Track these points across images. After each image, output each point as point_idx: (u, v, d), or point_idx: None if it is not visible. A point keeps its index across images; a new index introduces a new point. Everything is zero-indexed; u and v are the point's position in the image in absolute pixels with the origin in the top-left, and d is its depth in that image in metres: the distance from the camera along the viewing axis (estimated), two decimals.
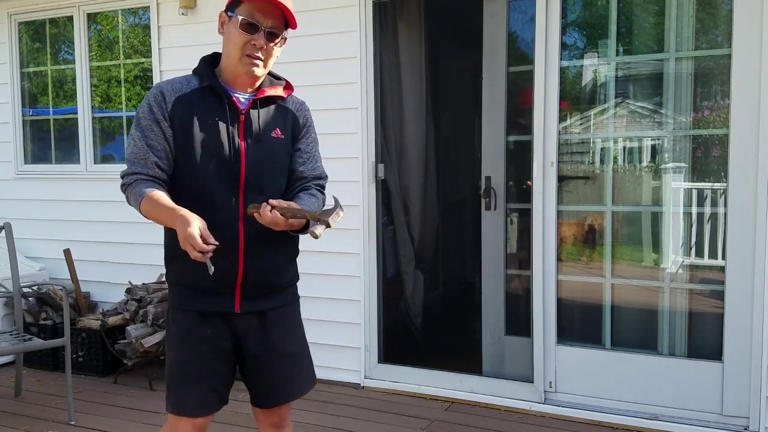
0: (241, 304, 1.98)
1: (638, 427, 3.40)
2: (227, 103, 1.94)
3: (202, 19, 4.33)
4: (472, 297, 4.55)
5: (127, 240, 4.67)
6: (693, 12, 3.38)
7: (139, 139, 1.90)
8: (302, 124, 2.08)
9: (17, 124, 5.11)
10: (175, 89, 1.94)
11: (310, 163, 2.08)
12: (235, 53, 1.93)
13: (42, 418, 3.67)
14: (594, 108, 3.69)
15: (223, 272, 1.89)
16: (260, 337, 2.02)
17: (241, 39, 1.91)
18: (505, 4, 3.75)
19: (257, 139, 1.96)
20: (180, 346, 2.01)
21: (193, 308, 1.98)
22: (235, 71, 1.96)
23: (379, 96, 4.04)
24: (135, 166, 1.90)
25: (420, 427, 3.49)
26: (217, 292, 1.96)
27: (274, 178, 2.00)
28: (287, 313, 2.09)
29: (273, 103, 2.03)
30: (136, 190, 1.87)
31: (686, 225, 3.54)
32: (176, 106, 1.91)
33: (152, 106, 1.91)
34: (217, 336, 1.98)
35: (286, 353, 2.06)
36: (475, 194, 4.01)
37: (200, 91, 1.95)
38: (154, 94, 1.93)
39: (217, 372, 2.00)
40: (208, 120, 1.92)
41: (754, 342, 3.22)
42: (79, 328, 4.33)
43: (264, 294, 2.01)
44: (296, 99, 2.12)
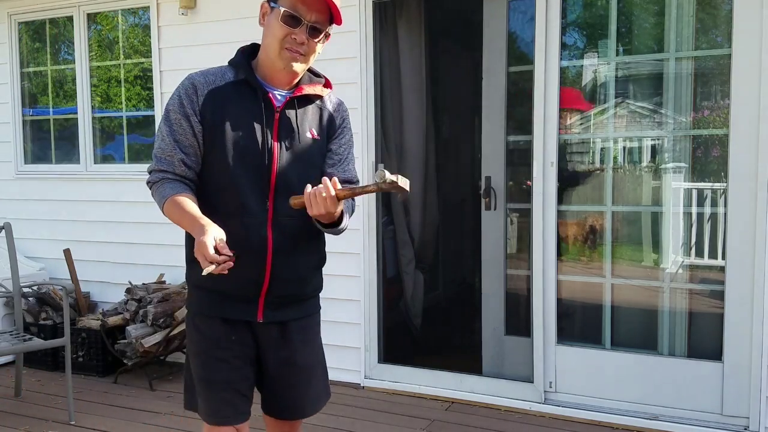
0: (264, 313, 1.90)
1: (638, 427, 3.40)
2: (263, 100, 1.84)
3: (202, 19, 4.33)
4: (472, 297, 4.55)
5: (127, 240, 4.67)
6: (693, 12, 3.38)
7: (167, 134, 1.81)
8: (338, 125, 1.98)
9: (17, 124, 5.11)
10: (209, 81, 1.83)
11: (341, 165, 1.97)
12: (275, 46, 1.81)
13: (42, 418, 3.67)
14: (594, 108, 3.69)
15: (248, 280, 1.84)
16: (280, 350, 1.95)
17: (281, 32, 1.80)
18: (505, 4, 3.75)
19: (292, 141, 1.86)
20: (204, 353, 1.91)
21: (215, 314, 1.90)
22: (273, 66, 1.84)
23: (379, 96, 4.04)
24: (161, 163, 1.82)
25: (420, 427, 3.49)
26: (241, 300, 1.89)
27: (307, 182, 1.82)
28: (308, 324, 2.01)
29: (310, 102, 1.92)
30: (161, 190, 1.81)
31: (686, 225, 3.54)
32: (208, 100, 1.81)
33: (182, 99, 1.81)
34: (241, 343, 1.91)
35: (304, 366, 1.99)
36: (475, 194, 4.00)
37: (235, 85, 1.84)
38: (186, 86, 1.82)
39: (244, 376, 1.93)
40: (242, 117, 1.82)
41: (754, 342, 3.22)
42: (79, 328, 4.33)
43: (288, 303, 1.93)
44: (334, 98, 2.01)
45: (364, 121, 3.91)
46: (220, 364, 1.89)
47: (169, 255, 4.52)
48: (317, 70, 1.99)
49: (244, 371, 1.92)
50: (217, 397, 1.90)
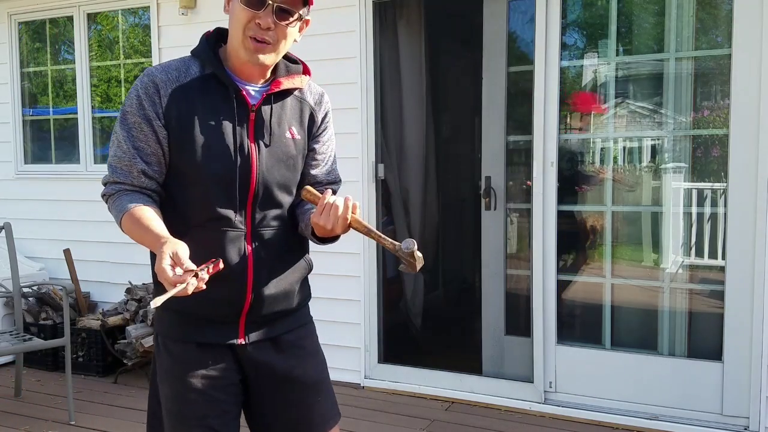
0: (247, 334, 1.67)
1: (638, 427, 3.40)
2: (235, 99, 1.61)
3: (202, 19, 4.33)
4: (472, 297, 4.55)
5: (127, 240, 4.60)
6: (693, 12, 3.38)
7: (124, 140, 1.57)
8: (320, 120, 1.76)
9: (17, 124, 5.11)
10: (171, 78, 1.59)
11: (325, 166, 1.78)
12: (238, 33, 1.57)
13: (42, 418, 3.67)
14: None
15: (227, 300, 1.62)
16: (273, 365, 1.70)
17: (243, 15, 1.55)
18: (505, 4, 3.75)
19: (270, 143, 1.64)
20: (174, 381, 1.65)
21: (189, 338, 1.65)
22: (239, 57, 1.61)
23: (379, 96, 4.04)
24: (117, 173, 1.58)
25: (420, 427, 3.49)
26: (218, 321, 1.66)
27: (287, 188, 1.69)
28: (303, 334, 1.78)
29: (288, 95, 1.70)
30: (118, 203, 1.58)
31: (686, 225, 3.54)
32: (172, 101, 1.57)
33: (142, 100, 1.57)
34: (220, 368, 1.66)
35: (305, 382, 1.74)
36: (475, 194, 4.00)
37: (202, 81, 1.61)
38: (145, 84, 1.58)
39: (222, 411, 1.66)
40: (212, 118, 1.59)
41: (754, 342, 3.22)
42: (79, 328, 4.33)
43: (274, 319, 1.71)
44: (315, 88, 1.78)
45: (364, 121, 3.91)
46: (193, 394, 1.63)
47: None
48: (293, 56, 1.75)
49: (221, 405, 1.65)
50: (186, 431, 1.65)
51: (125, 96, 4.73)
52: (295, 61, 1.76)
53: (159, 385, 1.71)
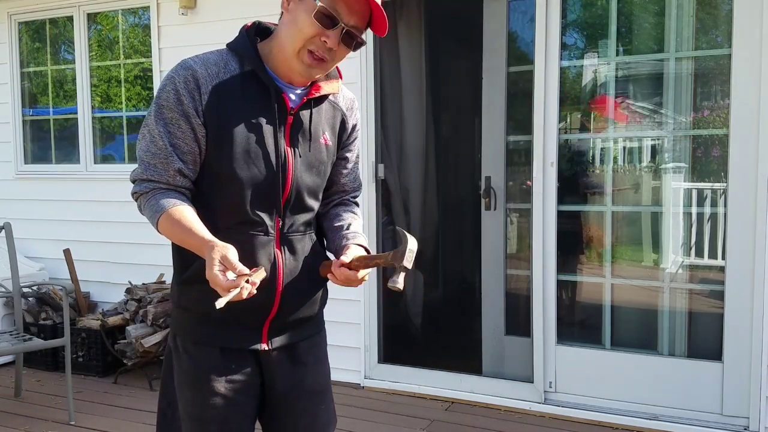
0: (270, 339, 1.65)
1: (638, 427, 3.40)
2: (276, 101, 1.55)
3: (202, 19, 4.33)
4: (472, 297, 4.55)
5: (127, 240, 4.67)
6: (693, 12, 3.38)
7: (160, 135, 1.49)
8: (350, 128, 1.72)
9: (17, 124, 5.11)
10: (211, 74, 1.51)
11: (353, 174, 1.77)
12: (296, 44, 1.50)
13: (42, 418, 3.67)
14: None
15: (255, 305, 1.53)
16: (290, 373, 1.69)
17: (311, 30, 1.47)
18: (505, 4, 3.75)
19: (305, 148, 1.59)
20: (197, 385, 1.62)
21: (212, 344, 1.62)
22: (288, 64, 1.54)
23: (379, 96, 4.04)
24: (151, 171, 1.52)
25: (420, 427, 3.49)
26: (243, 326, 1.62)
27: (316, 194, 1.66)
28: (318, 342, 1.78)
29: (324, 99, 1.65)
30: (153, 203, 1.51)
31: (686, 225, 3.54)
32: (213, 98, 1.50)
33: (180, 95, 1.49)
34: (243, 373, 1.64)
35: (314, 390, 1.74)
36: (475, 194, 4.00)
37: (241, 78, 1.53)
38: (185, 78, 1.49)
39: (244, 415, 1.65)
40: (252, 119, 1.52)
41: (754, 342, 3.22)
42: (79, 328, 4.33)
43: (296, 325, 1.69)
44: (347, 94, 1.73)
45: (364, 121, 3.91)
46: (216, 399, 1.61)
47: (169, 255, 4.50)
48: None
49: (243, 408, 1.65)
50: None
51: (125, 96, 4.77)
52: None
53: (177, 387, 1.67)
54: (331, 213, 1.75)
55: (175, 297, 1.67)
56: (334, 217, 1.72)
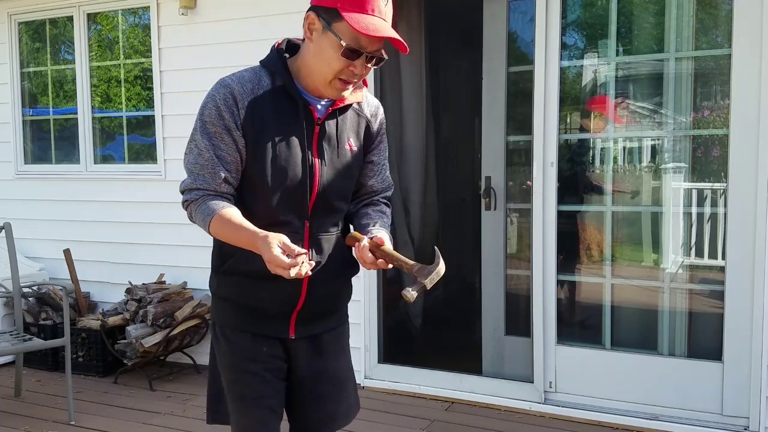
0: (296, 329, 1.82)
1: (638, 427, 3.40)
2: (304, 114, 1.71)
3: (202, 19, 4.33)
4: (472, 297, 4.55)
5: (127, 240, 4.67)
6: (693, 12, 3.38)
7: (206, 148, 1.66)
8: (375, 133, 1.86)
9: (17, 124, 5.11)
10: (246, 91, 1.67)
11: (380, 175, 1.91)
12: (327, 75, 1.65)
13: (42, 418, 3.67)
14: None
15: (283, 299, 1.77)
16: (314, 360, 1.86)
17: (338, 64, 1.63)
18: (505, 4, 3.75)
19: (331, 155, 1.75)
20: (233, 366, 1.84)
21: (246, 330, 1.81)
22: (318, 88, 1.70)
23: (379, 96, 4.04)
24: (200, 180, 1.67)
25: (420, 427, 3.49)
26: (273, 316, 1.81)
27: (344, 196, 1.82)
28: (341, 333, 1.94)
29: (349, 107, 1.79)
30: (203, 207, 1.65)
31: (686, 225, 3.54)
32: (249, 112, 1.66)
33: (222, 111, 1.65)
34: (273, 356, 1.83)
35: (337, 377, 1.90)
36: (475, 194, 4.00)
37: (273, 93, 1.69)
38: (224, 96, 1.66)
39: (276, 391, 1.83)
40: (282, 131, 1.69)
41: (754, 342, 3.22)
42: (79, 328, 4.33)
43: (320, 317, 1.86)
44: (371, 100, 1.87)
45: None
46: (252, 378, 1.80)
47: (169, 255, 4.53)
48: None
49: (275, 385, 1.83)
50: (249, 414, 1.82)
51: (125, 96, 4.77)
52: None
53: (220, 369, 1.87)
54: (361, 212, 1.89)
55: (213, 288, 1.86)
56: (363, 216, 1.86)
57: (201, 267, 4.46)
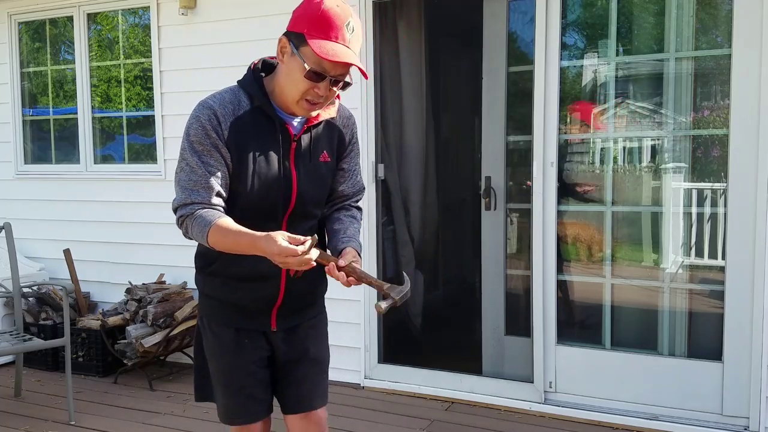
0: (277, 322, 1.99)
1: (638, 427, 3.40)
2: (280, 131, 1.85)
3: (202, 19, 4.33)
4: (472, 297, 4.55)
5: (127, 240, 4.67)
6: (693, 12, 3.38)
7: (197, 165, 1.77)
8: (347, 142, 2.00)
9: (17, 124, 5.11)
10: (228, 112, 1.79)
11: (351, 180, 2.05)
12: (294, 95, 1.77)
13: (42, 418, 3.67)
14: (594, 108, 3.69)
15: (263, 297, 1.94)
16: (294, 345, 2.03)
17: (303, 86, 1.75)
18: (505, 4, 3.75)
19: (306, 166, 1.89)
20: (220, 357, 2.01)
21: (230, 325, 1.98)
22: (289, 107, 1.83)
23: (379, 96, 4.04)
24: (195, 195, 1.77)
25: (420, 427, 3.49)
26: (255, 313, 1.97)
27: (319, 203, 1.98)
28: (319, 320, 2.11)
29: (323, 122, 1.92)
30: (200, 220, 1.75)
31: (686, 225, 3.54)
32: (231, 132, 1.79)
33: (207, 130, 1.77)
34: (254, 346, 1.99)
35: (316, 359, 2.07)
36: (475, 194, 4.00)
37: (251, 113, 1.82)
38: (208, 116, 1.77)
39: (259, 380, 2.01)
40: (262, 148, 1.83)
41: (754, 342, 3.22)
42: (79, 328, 4.33)
43: (299, 311, 2.03)
44: (344, 111, 2.00)
45: (364, 121, 3.91)
46: (236, 370, 1.98)
47: (169, 255, 4.53)
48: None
49: (258, 375, 2.00)
50: (232, 402, 2.01)
51: (125, 96, 4.77)
52: None
53: (207, 359, 2.04)
54: (333, 216, 2.04)
55: (200, 286, 2.02)
56: (335, 221, 2.02)
57: None
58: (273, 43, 1.85)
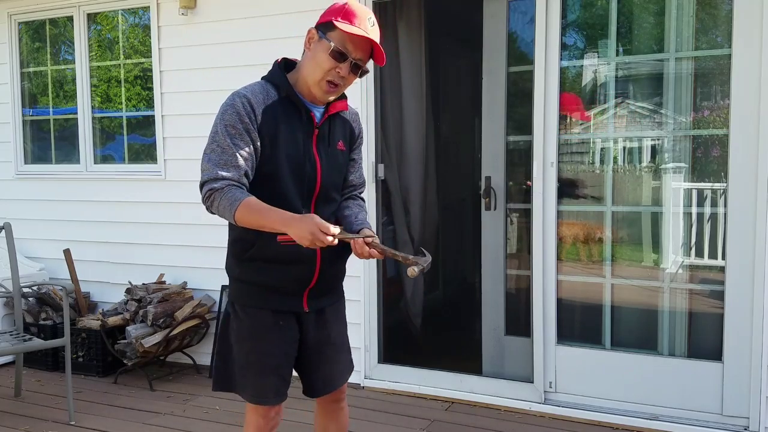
0: (309, 303, 2.15)
1: (638, 427, 3.40)
2: (306, 118, 2.03)
3: (202, 19, 4.33)
4: (472, 297, 4.55)
5: (127, 240, 4.67)
6: (693, 12, 3.38)
7: (228, 146, 1.92)
8: (356, 135, 2.22)
9: (17, 124, 5.11)
10: (260, 100, 1.97)
11: (358, 172, 2.26)
12: (317, 75, 1.97)
13: (42, 418, 3.67)
14: (594, 108, 3.69)
15: (299, 278, 2.09)
16: (319, 330, 2.20)
17: (327, 64, 1.96)
18: (505, 4, 3.75)
19: (327, 153, 2.08)
20: (257, 339, 2.12)
21: (266, 307, 2.10)
22: (310, 90, 2.02)
23: (379, 96, 4.04)
24: (226, 170, 1.91)
25: (420, 427, 3.49)
26: (289, 293, 2.11)
27: (338, 188, 2.16)
28: (339, 306, 2.30)
29: (338, 115, 2.15)
30: (230, 195, 1.89)
31: (686, 225, 3.54)
32: (263, 118, 1.96)
33: (241, 115, 1.93)
34: (288, 328, 2.14)
35: (336, 343, 2.25)
36: (475, 194, 4.00)
37: (280, 103, 2.01)
38: (242, 103, 1.95)
39: (288, 362, 2.17)
40: (291, 133, 2.00)
41: (754, 342, 3.22)
42: (79, 328, 4.33)
43: (326, 293, 2.20)
44: (352, 109, 2.23)
45: (364, 121, 3.91)
46: (274, 350, 2.12)
47: (169, 255, 4.53)
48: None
49: (288, 357, 2.16)
50: (267, 382, 2.12)
51: (125, 96, 4.77)
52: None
53: (237, 343, 2.14)
54: (342, 205, 2.23)
55: (235, 273, 2.13)
56: (344, 208, 2.21)
57: (201, 267, 4.46)
58: (273, 43, 1.89)
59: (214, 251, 4.39)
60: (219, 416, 3.67)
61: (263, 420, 2.16)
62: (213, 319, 4.39)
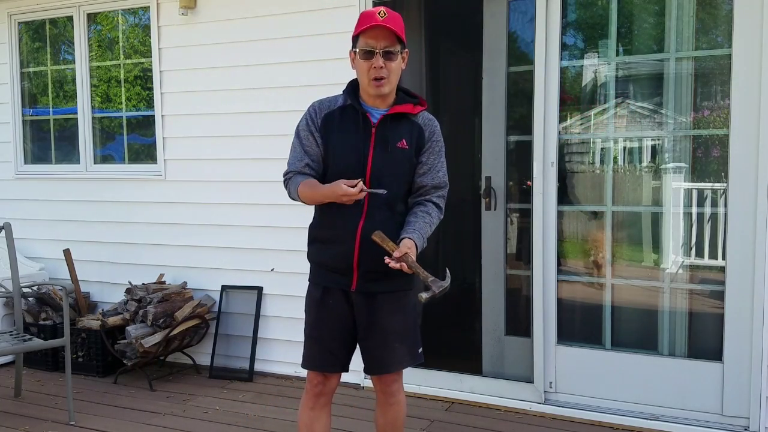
0: (357, 284, 2.38)
1: (638, 427, 3.40)
2: (362, 118, 2.37)
3: (202, 19, 4.33)
4: (472, 297, 4.55)
5: (127, 240, 4.67)
6: (693, 12, 3.38)
7: (297, 146, 2.42)
8: (427, 138, 2.43)
9: (17, 124, 5.11)
10: (324, 107, 2.41)
11: (431, 174, 2.44)
12: (364, 79, 2.33)
13: (42, 418, 3.67)
14: (594, 108, 3.69)
15: (341, 254, 2.36)
16: (369, 313, 2.41)
17: (364, 66, 2.30)
18: (505, 4, 3.75)
19: (384, 149, 2.35)
20: (309, 312, 2.47)
21: (320, 283, 2.44)
22: (368, 95, 2.37)
23: None
24: (292, 165, 2.41)
25: (420, 427, 3.49)
26: (339, 272, 2.38)
27: (394, 182, 2.37)
28: (397, 297, 2.46)
29: (404, 118, 2.40)
30: (294, 180, 2.38)
31: (686, 225, 3.54)
32: (323, 121, 2.39)
33: (308, 121, 2.40)
34: (337, 306, 2.41)
35: (386, 329, 2.42)
36: (475, 194, 4.00)
37: (342, 109, 2.40)
38: (310, 111, 2.42)
39: (334, 337, 2.43)
40: (346, 132, 2.37)
41: (754, 342, 3.22)
42: (79, 328, 4.33)
43: (376, 278, 2.37)
44: (427, 115, 2.46)
45: None
46: (319, 323, 2.44)
47: (169, 255, 4.53)
48: (413, 92, 2.48)
49: (334, 333, 2.43)
50: (311, 350, 2.46)
51: (125, 96, 4.77)
52: (413, 96, 2.46)
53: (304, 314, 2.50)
54: (411, 210, 2.44)
55: (308, 256, 2.50)
56: (411, 214, 2.42)
57: (201, 267, 4.46)
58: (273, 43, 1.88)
59: (213, 251, 4.39)
60: (219, 416, 3.67)
61: (309, 384, 2.49)
62: (213, 319, 4.39)
